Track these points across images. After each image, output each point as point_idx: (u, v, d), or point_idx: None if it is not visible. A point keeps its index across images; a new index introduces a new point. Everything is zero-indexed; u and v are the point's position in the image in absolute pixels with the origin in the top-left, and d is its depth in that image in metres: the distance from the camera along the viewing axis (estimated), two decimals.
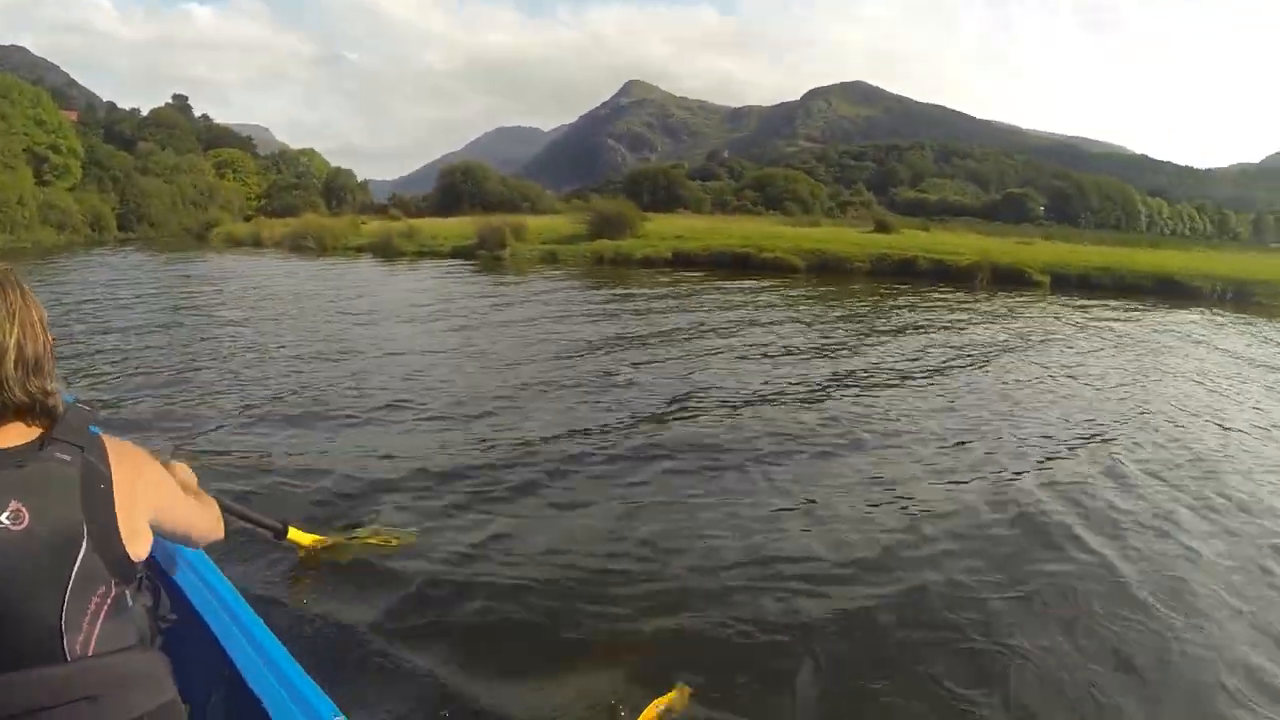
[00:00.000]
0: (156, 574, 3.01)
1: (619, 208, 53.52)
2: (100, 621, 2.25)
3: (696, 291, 31.97)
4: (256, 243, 63.96)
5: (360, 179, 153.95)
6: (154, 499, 2.53)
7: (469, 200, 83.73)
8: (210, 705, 3.05)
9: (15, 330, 2.28)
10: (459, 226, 57.65)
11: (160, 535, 2.63)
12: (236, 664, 2.99)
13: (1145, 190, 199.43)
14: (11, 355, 2.26)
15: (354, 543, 7.02)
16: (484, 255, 47.91)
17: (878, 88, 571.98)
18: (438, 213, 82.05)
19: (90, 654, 2.22)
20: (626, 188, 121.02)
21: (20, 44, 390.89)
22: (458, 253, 50.22)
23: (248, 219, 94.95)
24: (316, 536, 6.77)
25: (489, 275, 38.47)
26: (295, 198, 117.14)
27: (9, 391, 2.26)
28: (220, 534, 3.09)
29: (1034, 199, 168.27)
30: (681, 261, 44.97)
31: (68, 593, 2.18)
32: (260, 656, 3.02)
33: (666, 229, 53.58)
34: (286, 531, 6.37)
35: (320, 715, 2.75)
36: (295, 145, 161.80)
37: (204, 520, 2.95)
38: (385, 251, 53.39)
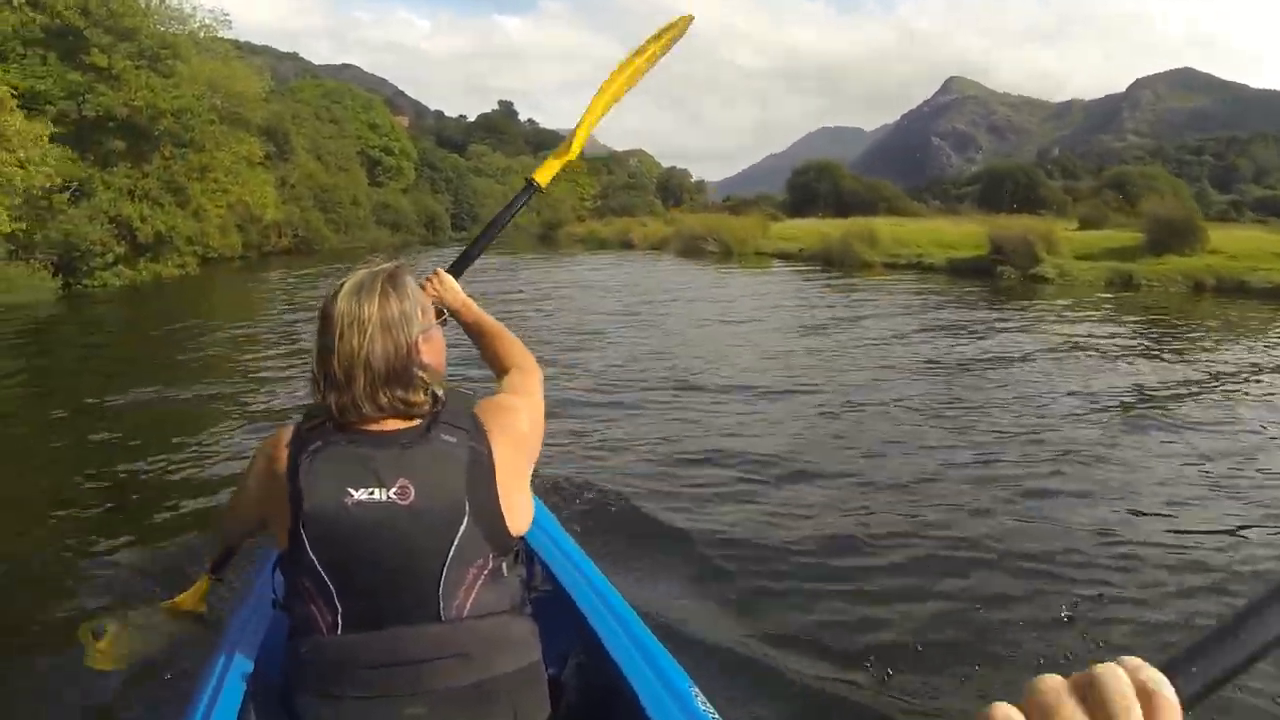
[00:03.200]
0: (530, 546, 3.47)
1: (1175, 209, 35.39)
2: (477, 589, 2.39)
3: None
4: (627, 244, 58.01)
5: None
6: (533, 455, 2.67)
7: (824, 200, 77.70)
8: (569, 669, 3.25)
9: (368, 346, 2.39)
10: (927, 232, 44.84)
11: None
12: (598, 633, 3.08)
13: None
14: (361, 374, 2.38)
15: None
16: (1007, 273, 32.35)
17: (1208, 74, 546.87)
18: (791, 213, 76.24)
19: (465, 617, 2.37)
20: (985, 188, 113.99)
21: (351, 63, 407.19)
22: (957, 268, 35.50)
23: (580, 219, 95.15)
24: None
25: (1101, 313, 23.00)
26: (633, 198, 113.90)
27: (358, 407, 2.39)
28: (538, 369, 3.05)
29: None
30: None
31: (447, 562, 2.34)
32: (621, 628, 3.11)
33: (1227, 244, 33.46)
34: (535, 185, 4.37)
35: (677, 687, 2.80)
36: (618, 149, 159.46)
37: (540, 392, 2.93)
38: (831, 261, 39.84)
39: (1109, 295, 27.49)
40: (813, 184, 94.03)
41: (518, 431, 2.60)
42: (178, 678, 4.16)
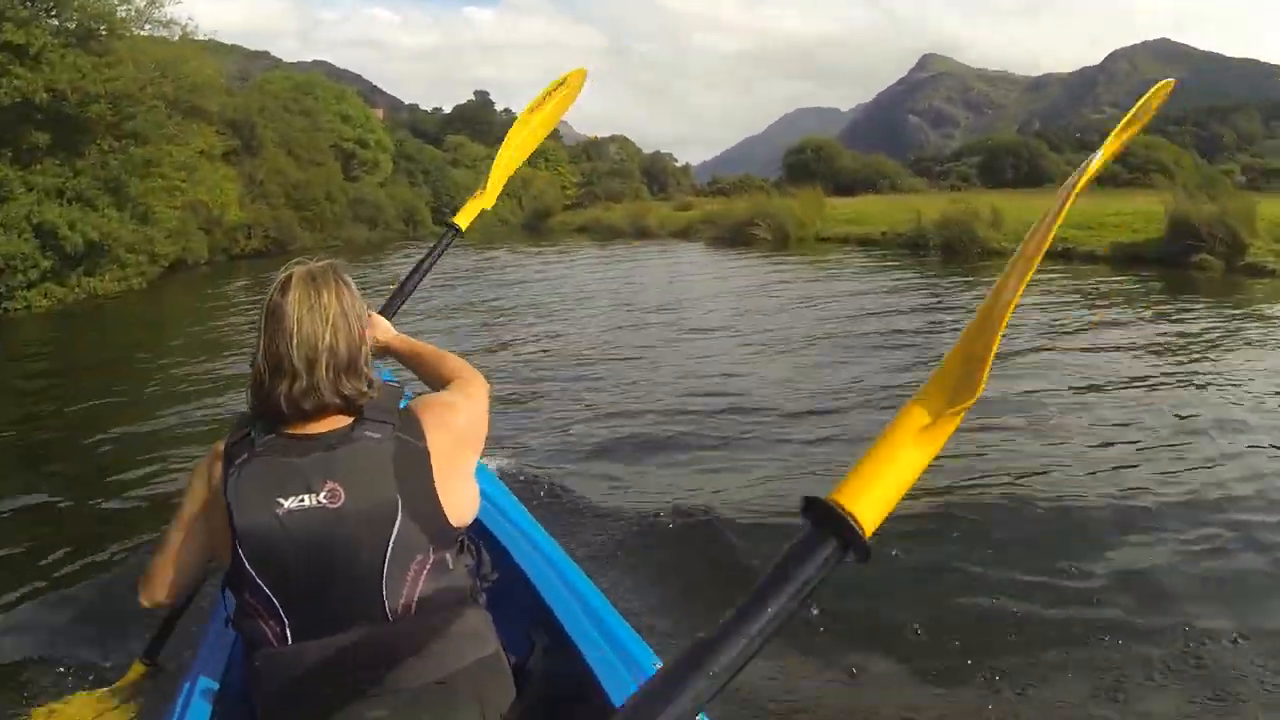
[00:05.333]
0: (479, 532, 3.25)
1: None
2: (421, 583, 2.39)
3: None
4: (642, 232, 51.37)
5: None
6: (472, 451, 2.69)
7: (822, 180, 73.60)
8: (533, 657, 3.01)
9: (329, 333, 2.43)
10: (1020, 207, 33.96)
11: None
12: (558, 616, 3.07)
13: None
14: (324, 359, 2.41)
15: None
16: (1207, 262, 24.70)
17: (1184, 45, 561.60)
18: (782, 194, 72.47)
19: (413, 613, 2.38)
20: (985, 162, 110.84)
21: (322, 59, 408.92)
22: (1128, 255, 27.39)
23: (566, 208, 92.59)
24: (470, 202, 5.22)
25: None
26: (619, 184, 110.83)
27: (320, 394, 2.40)
28: (483, 380, 3.00)
29: None
30: None
31: (386, 561, 2.34)
32: (582, 609, 3.10)
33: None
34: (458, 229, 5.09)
35: (641, 665, 2.80)
36: (593, 135, 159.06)
37: (485, 399, 2.89)
38: (926, 246, 33.07)
39: None
40: (810, 163, 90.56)
41: (455, 425, 2.61)
42: None
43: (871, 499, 1.35)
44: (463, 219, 4.80)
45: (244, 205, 44.49)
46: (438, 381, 3.04)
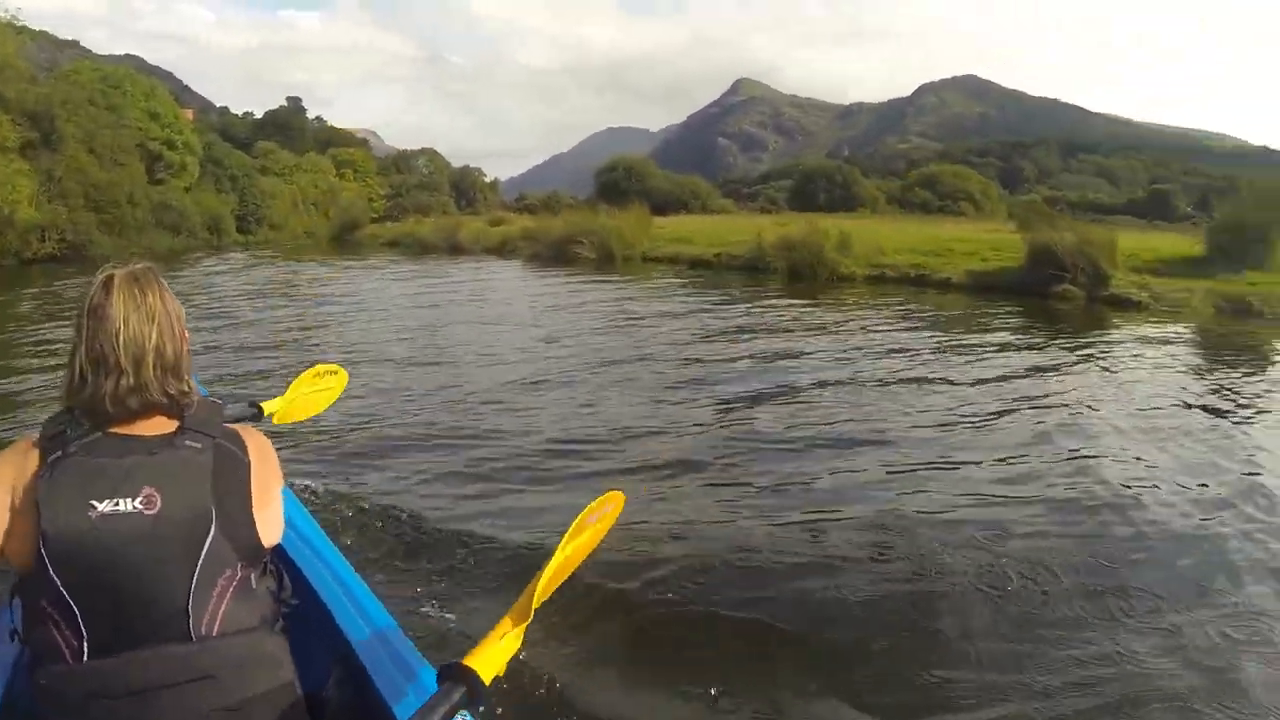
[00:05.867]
0: (281, 558, 3.28)
1: (1250, 219, 27.07)
2: (226, 603, 2.37)
3: None
4: (454, 248, 50.54)
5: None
6: (280, 478, 2.69)
7: (631, 198, 73.16)
8: (328, 687, 3.06)
9: (155, 333, 2.43)
10: (895, 235, 35.64)
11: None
12: (354, 647, 3.05)
13: None
14: (151, 358, 2.41)
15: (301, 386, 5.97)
16: (1070, 292, 24.82)
17: (990, 81, 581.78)
18: (588, 211, 72.37)
19: (215, 634, 2.35)
20: (799, 185, 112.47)
21: (133, 52, 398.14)
22: (985, 284, 27.34)
23: (374, 220, 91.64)
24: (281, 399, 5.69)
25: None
26: (428, 197, 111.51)
27: (148, 392, 2.40)
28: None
29: (1179, 196, 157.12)
30: None
31: (196, 574, 2.31)
32: (378, 640, 3.09)
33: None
34: (262, 413, 5.28)
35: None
36: (404, 148, 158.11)
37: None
38: (764, 270, 32.11)
39: (1229, 326, 21.23)
40: (621, 181, 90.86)
41: (270, 452, 2.64)
42: None
43: (489, 659, 1.94)
44: (271, 409, 5.11)
45: (39, 205, 42.85)
46: None
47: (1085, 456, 9.70)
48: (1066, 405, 12.24)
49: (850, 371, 14.25)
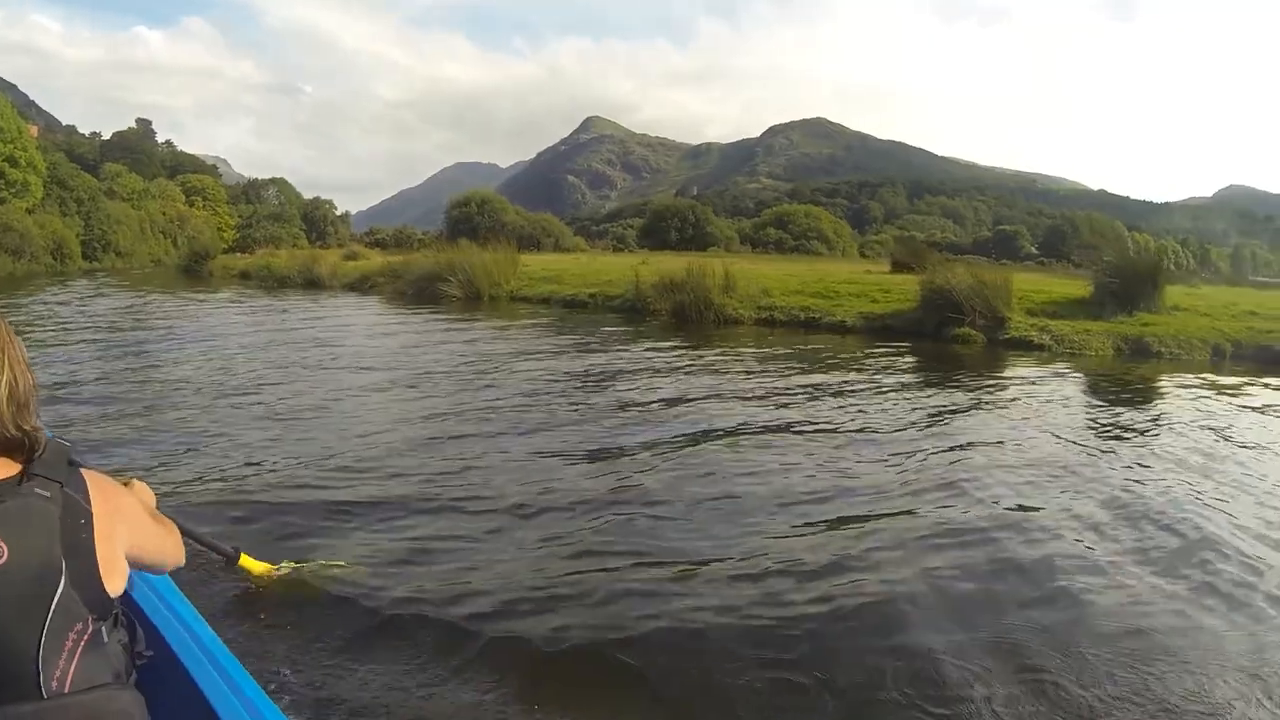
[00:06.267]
0: (131, 609, 3.17)
1: (1140, 263, 27.08)
2: (77, 658, 2.28)
3: None
4: (311, 282, 47.76)
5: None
6: (129, 532, 2.58)
7: (484, 234, 72.03)
8: None
9: (6, 368, 2.36)
10: (778, 276, 33.91)
11: (133, 566, 2.66)
12: (210, 701, 3.00)
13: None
14: (4, 392, 2.33)
15: (304, 570, 6.67)
16: (968, 335, 24.23)
17: (839, 124, 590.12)
18: (447, 247, 71.17)
19: (66, 691, 2.25)
20: (650, 224, 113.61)
21: None
22: (878, 327, 26.21)
23: (226, 251, 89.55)
24: (268, 566, 6.43)
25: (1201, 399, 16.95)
26: (278, 228, 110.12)
27: (4, 428, 2.32)
28: (183, 559, 3.10)
29: (1024, 236, 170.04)
30: None
31: (45, 628, 2.21)
32: (233, 692, 3.03)
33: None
34: (238, 558, 6.01)
35: None
36: (254, 176, 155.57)
37: (170, 546, 2.95)
38: (643, 311, 30.24)
39: (1132, 366, 20.92)
40: (474, 217, 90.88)
41: (119, 497, 2.55)
42: None
43: None
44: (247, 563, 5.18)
45: None
46: None
47: (1009, 505, 9.51)
48: (985, 444, 12.20)
49: (743, 419, 13.35)
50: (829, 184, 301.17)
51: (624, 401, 14.76)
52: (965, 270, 27.22)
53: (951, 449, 11.81)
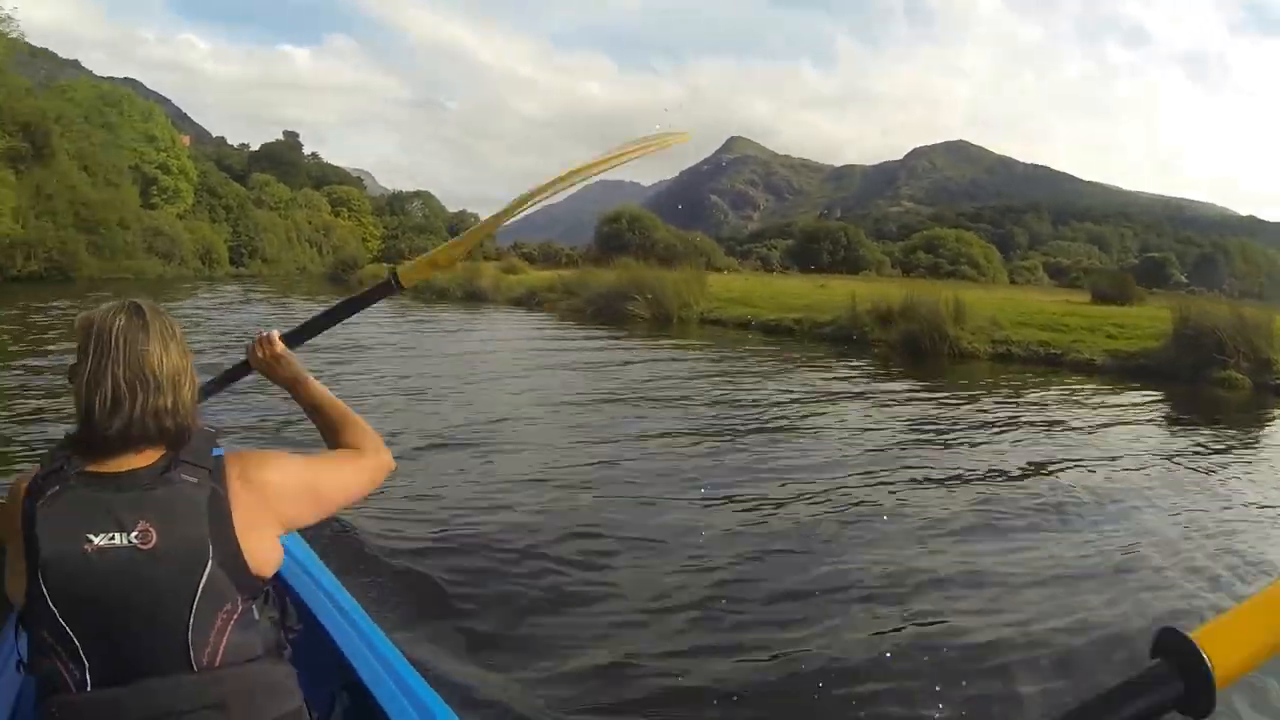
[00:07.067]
0: (283, 586, 3.14)
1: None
2: (227, 635, 2.31)
3: None
4: (474, 295, 46.79)
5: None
6: (283, 507, 2.53)
7: (634, 251, 70.27)
8: (334, 713, 2.99)
9: (159, 365, 2.36)
10: (1010, 304, 31.53)
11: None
12: (359, 673, 3.04)
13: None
14: (152, 391, 2.32)
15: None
16: (1233, 379, 21.10)
17: (981, 147, 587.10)
18: (595, 264, 69.29)
19: (217, 665, 2.29)
20: (800, 245, 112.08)
21: (132, 76, 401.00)
22: (1130, 368, 22.82)
23: (371, 261, 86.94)
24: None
25: None
26: (425, 240, 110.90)
27: (159, 421, 2.32)
28: (378, 470, 2.88)
29: (1173, 264, 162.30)
30: None
31: (194, 608, 2.24)
32: (382, 666, 3.08)
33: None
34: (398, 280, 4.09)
35: None
36: (397, 189, 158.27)
37: (340, 481, 2.74)
38: (855, 342, 27.24)
39: None
40: (624, 234, 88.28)
41: (261, 478, 2.48)
42: None
43: (1236, 649, 1.18)
44: (406, 276, 3.79)
45: (26, 221, 41.39)
46: (330, 442, 2.93)
47: None
48: None
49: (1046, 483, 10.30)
50: (972, 208, 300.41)
51: (961, 471, 10.85)
52: (1228, 306, 23.87)
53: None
